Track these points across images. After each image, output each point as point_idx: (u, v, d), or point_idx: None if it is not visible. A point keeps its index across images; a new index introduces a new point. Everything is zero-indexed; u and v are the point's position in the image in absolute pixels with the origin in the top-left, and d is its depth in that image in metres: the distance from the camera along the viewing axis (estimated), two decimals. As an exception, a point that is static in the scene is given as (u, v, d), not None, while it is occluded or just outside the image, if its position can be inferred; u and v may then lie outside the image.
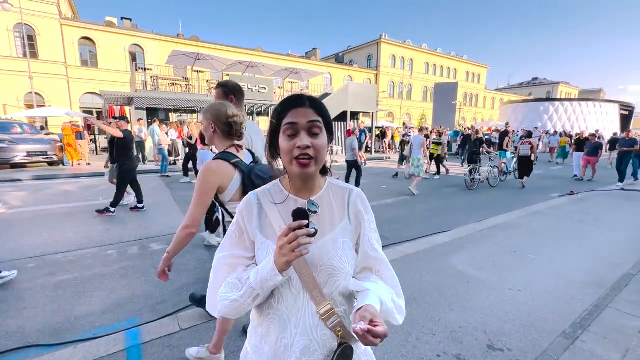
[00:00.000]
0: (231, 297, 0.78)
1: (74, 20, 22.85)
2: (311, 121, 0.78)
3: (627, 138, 9.50)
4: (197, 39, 26.97)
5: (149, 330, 2.42)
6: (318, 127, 0.79)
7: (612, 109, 34.61)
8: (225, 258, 0.85)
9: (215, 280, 0.85)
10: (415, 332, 2.44)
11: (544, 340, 2.36)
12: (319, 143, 0.79)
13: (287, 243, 0.70)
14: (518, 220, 5.51)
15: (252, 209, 0.86)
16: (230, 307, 0.79)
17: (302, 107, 0.80)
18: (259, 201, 0.87)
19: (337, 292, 0.82)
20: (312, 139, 0.78)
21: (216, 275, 0.85)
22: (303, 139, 0.77)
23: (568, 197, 7.67)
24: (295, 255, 0.70)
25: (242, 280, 0.78)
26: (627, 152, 9.22)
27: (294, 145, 0.77)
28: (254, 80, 16.19)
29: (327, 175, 0.92)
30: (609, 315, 2.69)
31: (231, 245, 0.86)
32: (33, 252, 3.89)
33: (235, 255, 0.84)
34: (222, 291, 0.81)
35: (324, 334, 0.79)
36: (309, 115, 0.79)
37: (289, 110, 0.80)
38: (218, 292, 0.82)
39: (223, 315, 0.82)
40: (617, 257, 3.99)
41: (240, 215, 0.86)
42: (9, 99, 19.19)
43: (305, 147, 0.77)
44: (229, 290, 0.79)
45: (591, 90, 65.79)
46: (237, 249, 0.85)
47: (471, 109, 47.85)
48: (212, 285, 0.85)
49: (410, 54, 40.55)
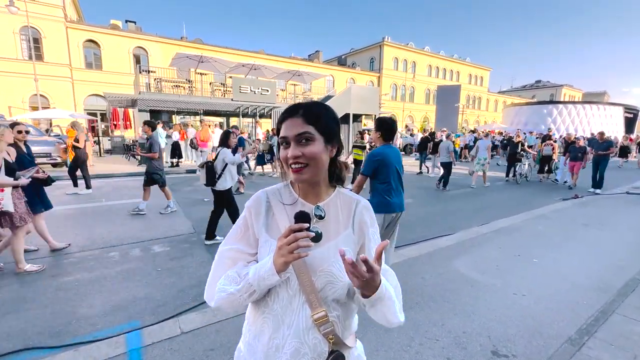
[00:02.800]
0: (228, 290, 0.80)
1: (79, 23, 23.08)
2: (299, 134, 0.81)
3: (601, 141, 8.84)
4: (200, 41, 27.14)
5: (150, 333, 2.41)
6: (306, 137, 0.81)
7: (617, 112, 34.38)
8: (228, 251, 0.87)
9: (215, 272, 0.86)
10: (418, 337, 2.41)
11: (550, 347, 2.33)
12: (310, 150, 0.80)
13: (287, 244, 0.71)
14: (522, 224, 5.46)
15: (260, 207, 0.88)
16: (226, 300, 0.81)
17: (293, 117, 0.83)
18: (267, 200, 0.89)
19: (333, 299, 0.83)
20: (302, 148, 0.80)
21: (217, 267, 0.87)
22: (292, 149, 0.81)
23: (572, 200, 7.60)
24: (293, 257, 0.71)
25: (241, 275, 0.80)
26: (604, 156, 8.60)
27: (286, 155, 0.82)
28: (256, 82, 16.24)
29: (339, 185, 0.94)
30: (616, 321, 2.65)
31: (235, 239, 0.88)
32: (35, 254, 3.89)
33: (238, 250, 0.86)
34: (220, 283, 0.82)
35: (316, 338, 0.80)
36: (298, 126, 0.81)
37: (284, 122, 0.84)
38: (217, 283, 0.83)
39: (219, 306, 0.83)
40: (622, 261, 3.94)
41: (248, 211, 0.88)
42: (14, 101, 19.38)
43: (294, 157, 0.80)
44: (227, 283, 0.81)
45: (595, 93, 65.38)
46: (241, 244, 0.87)
47: (474, 112, 47.74)
48: (213, 276, 0.86)
49: (413, 57, 40.58)
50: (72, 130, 8.23)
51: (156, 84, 16.39)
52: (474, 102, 48.21)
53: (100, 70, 22.61)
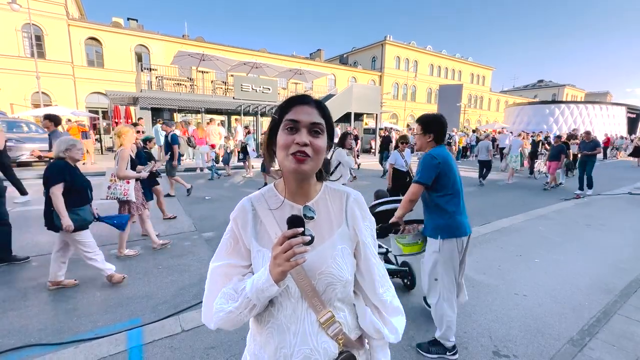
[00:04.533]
0: (227, 309, 0.75)
1: (81, 20, 23.07)
2: (314, 123, 0.77)
3: (587, 140, 8.46)
4: (202, 39, 27.09)
5: (151, 330, 2.41)
6: (320, 128, 0.78)
7: (619, 112, 34.20)
8: (220, 267, 0.82)
9: (210, 291, 0.81)
10: (419, 337, 2.40)
11: (551, 347, 2.32)
12: (318, 144, 0.77)
13: (282, 252, 0.67)
14: (523, 224, 5.44)
15: (246, 216, 0.83)
16: (226, 319, 0.76)
17: (307, 105, 0.78)
18: (253, 207, 0.84)
19: (337, 300, 0.81)
20: (312, 138, 0.76)
21: (212, 286, 0.82)
22: (303, 135, 0.75)
23: (574, 200, 7.58)
24: (291, 265, 0.67)
25: (238, 291, 0.76)
26: (590, 156, 8.28)
27: (292, 141, 0.75)
28: (258, 81, 16.21)
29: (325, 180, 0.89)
30: (618, 322, 2.64)
31: (226, 253, 0.83)
32: (37, 251, 3.90)
33: (231, 265, 0.81)
34: (217, 302, 0.77)
35: (325, 342, 0.77)
36: (312, 115, 0.77)
37: (293, 107, 0.78)
38: (213, 303, 0.78)
39: (219, 327, 0.78)
40: (624, 262, 3.92)
41: (235, 222, 0.83)
42: (16, 98, 19.41)
43: (303, 143, 0.74)
44: (224, 302, 0.76)
45: (598, 93, 65.10)
46: (233, 258, 0.82)
47: (476, 111, 47.58)
48: (208, 296, 0.81)
49: (415, 56, 40.43)
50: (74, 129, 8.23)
51: (158, 82, 16.35)
52: (476, 101, 48.04)
53: (102, 68, 22.60)
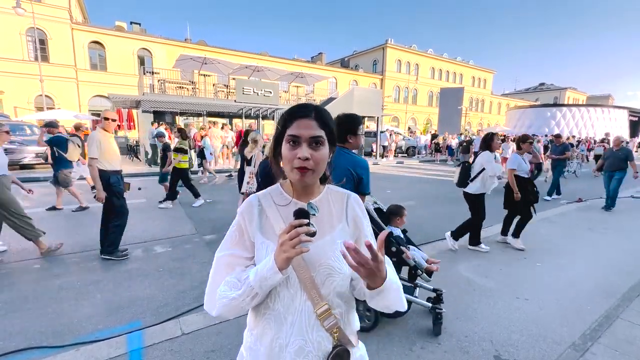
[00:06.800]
0: (230, 296, 0.79)
1: (85, 24, 23.28)
2: (314, 137, 0.81)
3: (557, 144, 8.33)
4: (204, 43, 27.31)
5: (151, 333, 2.41)
6: (320, 141, 0.82)
7: (621, 115, 34.17)
8: (224, 257, 0.86)
9: (214, 280, 0.85)
10: (420, 341, 2.39)
11: (553, 352, 2.30)
12: (319, 156, 0.81)
13: (289, 239, 0.71)
14: (525, 227, 5.41)
15: (252, 210, 0.88)
16: (228, 306, 0.80)
17: (306, 118, 0.82)
18: (259, 203, 0.89)
19: (334, 293, 0.83)
20: (312, 151, 0.80)
21: (215, 275, 0.86)
22: (304, 150, 0.80)
23: (576, 204, 7.54)
24: (296, 252, 0.71)
25: (241, 280, 0.79)
26: (559, 160, 8.21)
27: (294, 155, 0.80)
28: (259, 84, 16.26)
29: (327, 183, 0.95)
30: (620, 326, 2.62)
31: (231, 244, 0.87)
32: (38, 254, 3.91)
33: (235, 255, 0.85)
34: (221, 289, 0.81)
35: (320, 335, 0.80)
36: (312, 128, 0.81)
37: (294, 120, 0.82)
38: (217, 291, 0.82)
39: (221, 314, 0.82)
40: (627, 266, 3.90)
41: (242, 216, 0.88)
42: (20, 102, 19.58)
43: (305, 158, 0.79)
44: (227, 289, 0.80)
45: (599, 96, 65.05)
46: (237, 249, 0.86)
47: (477, 114, 47.60)
48: (211, 284, 0.85)
49: (416, 59, 40.57)
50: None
51: (160, 85, 16.46)
52: (477, 104, 48.07)
53: (104, 71, 22.80)
